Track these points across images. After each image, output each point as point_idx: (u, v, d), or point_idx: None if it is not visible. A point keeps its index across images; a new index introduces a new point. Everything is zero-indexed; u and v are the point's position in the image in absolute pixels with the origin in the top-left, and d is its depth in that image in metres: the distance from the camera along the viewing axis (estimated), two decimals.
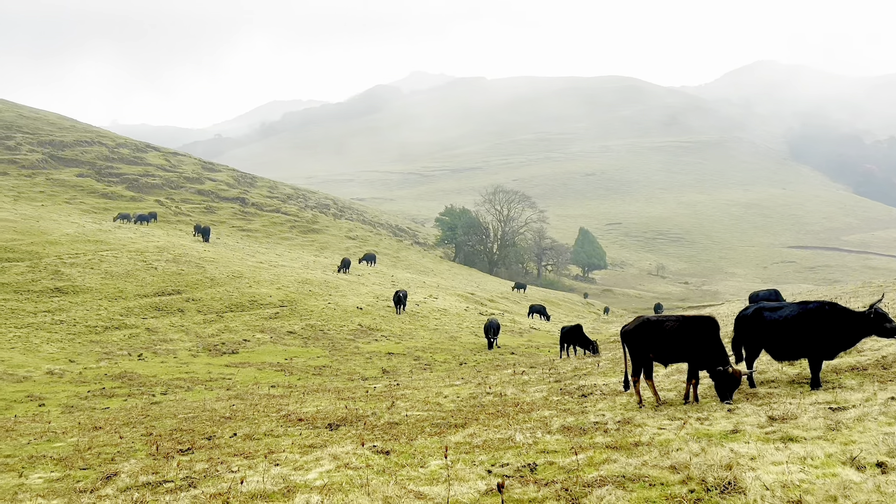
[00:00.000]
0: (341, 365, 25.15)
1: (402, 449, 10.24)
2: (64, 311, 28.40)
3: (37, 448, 11.74)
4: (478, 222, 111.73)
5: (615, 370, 18.53)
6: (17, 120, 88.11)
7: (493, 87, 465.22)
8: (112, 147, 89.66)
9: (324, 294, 38.42)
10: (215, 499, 7.86)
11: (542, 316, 49.29)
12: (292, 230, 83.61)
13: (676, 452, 8.56)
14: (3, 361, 21.93)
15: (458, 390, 17.03)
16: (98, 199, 71.31)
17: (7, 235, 37.13)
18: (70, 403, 17.40)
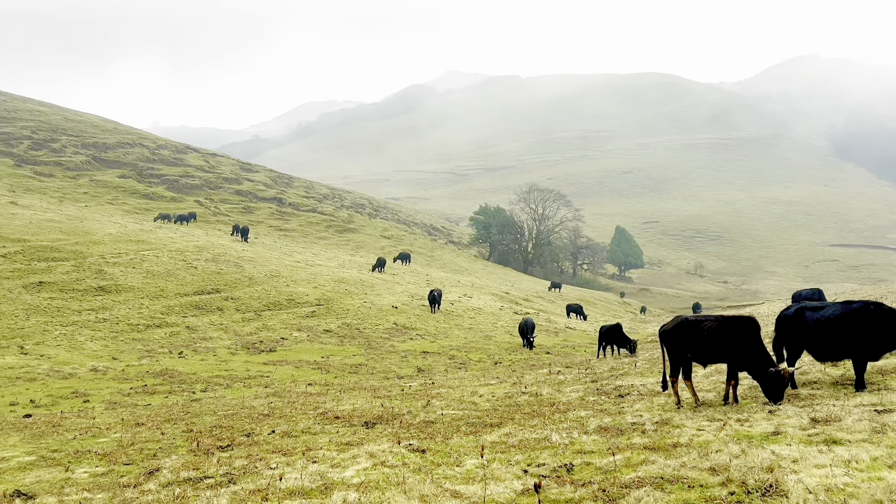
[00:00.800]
0: (377, 363, 25.31)
1: (437, 448, 10.27)
2: (107, 309, 29.07)
3: (82, 443, 12.03)
4: (512, 221, 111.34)
5: (653, 370, 18.33)
6: (62, 123, 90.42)
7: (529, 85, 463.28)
8: (153, 149, 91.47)
9: (359, 293, 38.69)
10: (254, 495, 7.98)
11: (579, 315, 48.99)
12: (328, 230, 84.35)
13: (716, 454, 8.44)
14: (50, 358, 22.53)
15: (494, 389, 17.01)
16: (139, 199, 72.82)
17: (53, 235, 38.13)
18: (113, 400, 17.80)
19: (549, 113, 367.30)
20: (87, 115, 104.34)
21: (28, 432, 13.14)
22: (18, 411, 16.18)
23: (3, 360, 21.58)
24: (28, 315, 26.75)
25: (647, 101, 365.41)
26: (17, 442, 12.25)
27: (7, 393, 18.27)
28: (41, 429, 13.51)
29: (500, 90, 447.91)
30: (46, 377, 20.39)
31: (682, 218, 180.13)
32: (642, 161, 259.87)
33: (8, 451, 11.48)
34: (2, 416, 15.32)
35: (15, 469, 10.23)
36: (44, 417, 15.14)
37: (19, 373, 20.53)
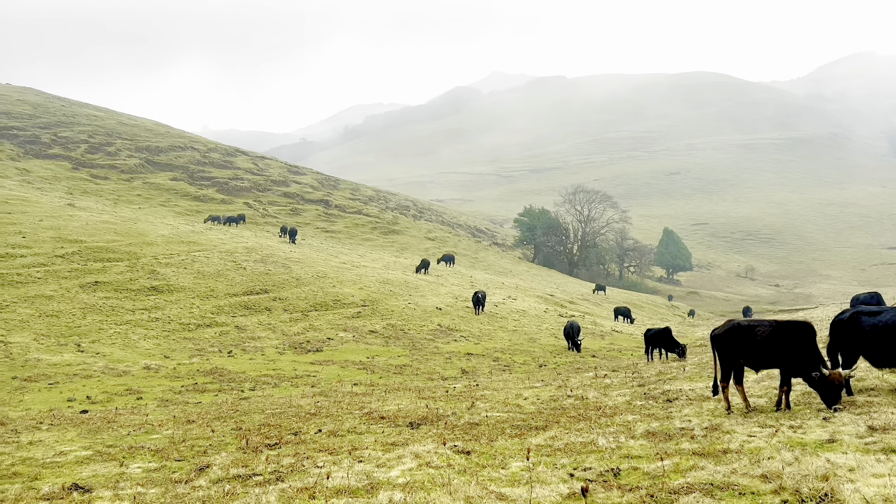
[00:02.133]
0: (421, 364, 25.40)
1: (482, 449, 10.26)
2: (159, 308, 29.81)
3: (136, 439, 12.36)
4: (557, 223, 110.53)
5: (701, 375, 18.00)
6: (117, 127, 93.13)
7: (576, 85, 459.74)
8: (204, 152, 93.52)
9: (404, 294, 38.89)
10: (302, 493, 8.09)
11: (627, 319, 48.43)
12: (373, 231, 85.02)
13: (768, 461, 8.25)
14: (105, 356, 23.21)
15: (539, 392, 16.91)
16: (191, 201, 74.52)
17: (108, 237, 39.28)
18: (165, 397, 18.24)
19: (595, 114, 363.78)
20: (140, 120, 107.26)
21: (84, 427, 13.56)
22: (75, 407, 16.71)
23: (61, 358, 22.31)
24: (84, 314, 27.61)
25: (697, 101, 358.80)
26: (74, 437, 12.65)
27: (65, 389, 18.89)
28: (97, 424, 13.92)
29: (547, 91, 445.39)
30: (102, 374, 21.01)
31: (732, 220, 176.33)
32: (691, 162, 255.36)
33: (66, 445, 11.86)
34: (60, 412, 15.84)
35: (73, 463, 10.56)
36: (99, 413, 15.60)
37: (76, 370, 21.20)
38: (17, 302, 27.46)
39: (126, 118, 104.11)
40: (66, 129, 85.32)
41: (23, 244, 34.92)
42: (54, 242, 36.11)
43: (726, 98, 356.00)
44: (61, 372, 20.77)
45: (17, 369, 20.63)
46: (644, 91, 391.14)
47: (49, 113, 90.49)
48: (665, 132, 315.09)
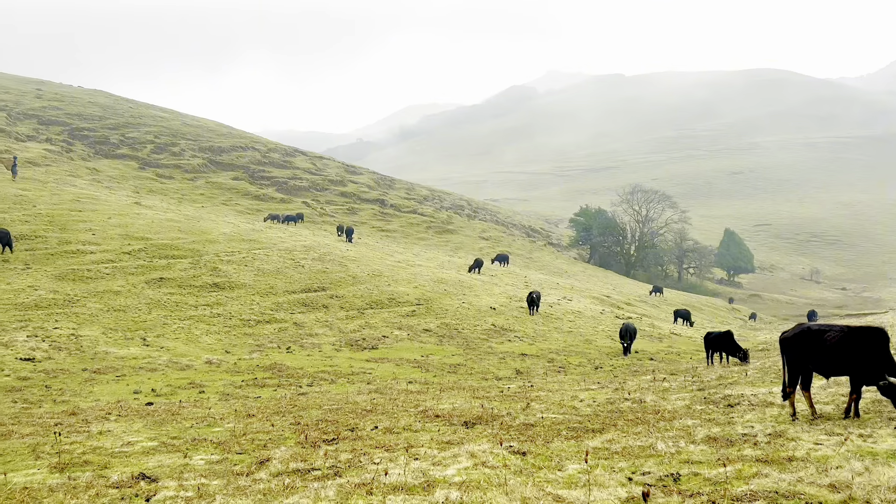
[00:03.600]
0: (475, 364, 25.39)
1: (538, 451, 10.20)
2: (221, 305, 30.58)
3: (198, 431, 12.70)
4: (614, 223, 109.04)
5: (764, 380, 17.51)
6: (181, 128, 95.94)
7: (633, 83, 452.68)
8: (264, 152, 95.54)
9: (458, 293, 38.95)
10: (359, 489, 8.18)
11: (686, 321, 47.49)
12: (428, 230, 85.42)
13: (836, 470, 7.97)
14: (169, 350, 23.94)
15: (595, 395, 16.72)
16: (251, 200, 76.24)
17: (173, 234, 40.50)
18: (226, 391, 18.69)
19: (655, 112, 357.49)
20: (203, 120, 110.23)
21: (150, 419, 14.00)
22: (141, 399, 17.27)
23: (127, 351, 23.11)
24: (150, 309, 28.52)
25: (760, 99, 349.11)
26: (140, 428, 13.07)
27: (132, 381, 19.56)
28: (162, 416, 14.36)
29: (603, 89, 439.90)
30: (166, 368, 21.68)
31: (796, 221, 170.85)
32: (754, 161, 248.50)
33: (133, 436, 12.28)
34: (127, 403, 16.40)
35: (139, 453, 10.92)
36: (164, 406, 16.09)
37: (142, 363, 21.93)
38: (87, 297, 28.56)
39: (190, 119, 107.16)
40: (133, 129, 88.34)
41: (92, 241, 36.29)
42: (122, 240, 37.42)
43: (792, 95, 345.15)
44: (128, 365, 21.51)
45: (87, 361, 21.46)
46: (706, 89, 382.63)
47: (117, 114, 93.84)
48: (727, 130, 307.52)
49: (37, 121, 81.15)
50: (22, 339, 22.64)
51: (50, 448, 11.11)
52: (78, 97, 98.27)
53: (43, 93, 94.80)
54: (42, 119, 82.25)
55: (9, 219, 37.33)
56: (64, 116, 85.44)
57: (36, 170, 58.71)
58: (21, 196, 43.40)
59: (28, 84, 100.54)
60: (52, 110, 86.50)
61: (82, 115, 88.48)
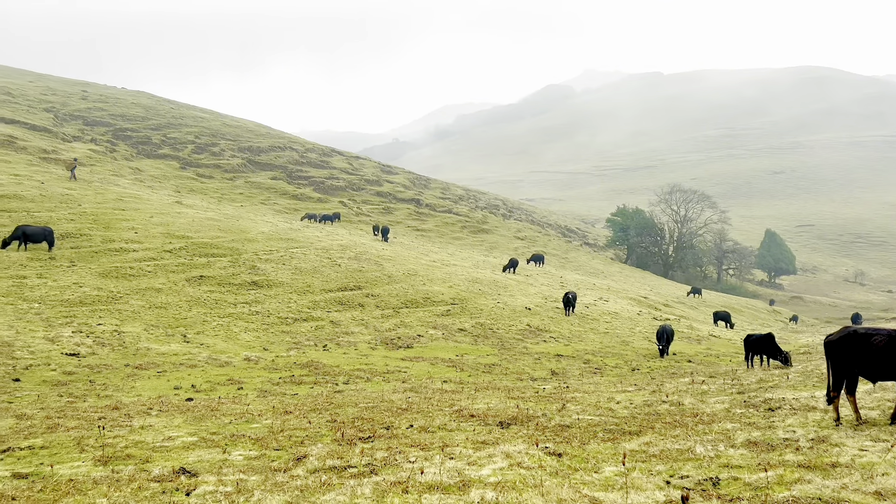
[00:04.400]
0: (510, 364, 25.32)
1: (574, 452, 10.13)
2: (259, 303, 31.00)
3: (237, 427, 12.88)
4: (652, 223, 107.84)
5: (806, 384, 17.14)
6: (221, 128, 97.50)
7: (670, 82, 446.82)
8: (301, 152, 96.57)
9: (493, 293, 38.88)
10: (395, 487, 8.22)
11: (727, 323, 46.72)
12: (463, 230, 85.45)
13: (882, 477, 7.77)
14: (209, 347, 24.34)
15: (631, 396, 16.54)
16: (289, 200, 77.12)
17: (212, 233, 41.16)
18: (264, 388, 18.93)
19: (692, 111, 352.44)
20: (242, 121, 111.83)
21: (190, 415, 14.25)
22: (181, 395, 17.58)
23: (168, 348, 23.55)
24: (190, 306, 29.03)
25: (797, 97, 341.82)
26: (181, 423, 13.31)
27: (172, 377, 19.93)
28: (201, 412, 14.60)
29: (641, 88, 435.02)
30: (205, 364, 22.04)
31: (840, 221, 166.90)
32: (796, 160, 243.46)
33: (173, 430, 12.51)
34: (168, 399, 16.72)
35: (180, 448, 11.12)
36: (203, 402, 16.35)
37: (182, 359, 22.32)
38: (130, 294, 29.19)
39: (230, 119, 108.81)
40: (174, 130, 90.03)
41: (135, 239, 37.08)
42: (163, 238, 38.16)
43: (838, 93, 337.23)
44: (168, 361, 21.93)
45: (129, 357, 21.93)
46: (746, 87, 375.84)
47: (159, 115, 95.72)
48: (768, 129, 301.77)
49: (82, 121, 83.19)
50: (67, 334, 23.24)
51: (94, 441, 11.37)
52: (122, 98, 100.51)
53: (88, 94, 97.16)
54: (87, 120, 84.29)
55: (55, 217, 38.34)
56: (108, 117, 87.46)
57: (81, 169, 60.15)
58: (67, 195, 44.53)
59: (74, 86, 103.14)
60: (97, 111, 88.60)
61: (126, 115, 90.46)
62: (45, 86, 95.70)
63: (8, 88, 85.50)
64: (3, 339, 21.74)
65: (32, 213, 38.36)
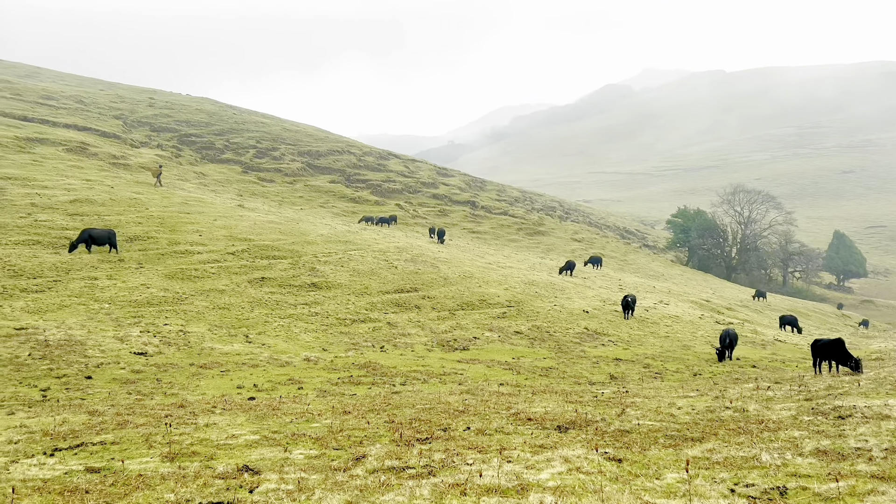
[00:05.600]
0: (567, 368, 25.07)
1: (634, 458, 9.96)
2: (318, 304, 31.50)
3: (298, 427, 13.11)
4: (714, 224, 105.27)
5: (879, 391, 16.45)
6: (281, 133, 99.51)
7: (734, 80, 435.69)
8: (359, 156, 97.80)
9: (549, 296, 38.58)
10: (453, 489, 8.23)
11: (794, 328, 45.21)
12: (519, 232, 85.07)
13: None
14: (270, 347, 24.86)
15: (693, 402, 16.17)
16: (347, 203, 78.18)
17: (273, 235, 42.05)
18: (323, 388, 19.22)
19: (756, 109, 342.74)
20: (302, 125, 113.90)
21: (252, 413, 14.57)
22: (244, 394, 18.01)
23: (231, 347, 24.15)
24: (252, 307, 29.71)
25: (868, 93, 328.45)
26: (243, 421, 13.63)
27: (235, 376, 20.43)
28: (263, 411, 14.91)
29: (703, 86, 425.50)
30: (267, 364, 22.51)
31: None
32: (867, 159, 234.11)
33: (236, 429, 12.81)
34: (231, 398, 17.14)
35: (242, 446, 11.39)
36: (265, 401, 16.71)
37: (244, 359, 22.86)
38: (195, 295, 30.05)
39: (290, 124, 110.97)
40: (236, 135, 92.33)
41: (199, 242, 38.15)
42: (226, 240, 39.16)
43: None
44: (231, 360, 22.48)
45: (194, 356, 22.58)
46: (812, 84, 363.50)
47: (222, 120, 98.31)
48: (837, 127, 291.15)
49: (149, 128, 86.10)
50: (136, 334, 24.08)
51: (161, 438, 11.75)
52: (186, 105, 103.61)
53: (155, 101, 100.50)
54: (154, 126, 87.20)
55: (124, 220, 39.78)
56: (174, 123, 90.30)
57: (148, 174, 62.26)
58: (135, 199, 46.15)
59: (142, 93, 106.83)
60: (163, 118, 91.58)
61: (190, 121, 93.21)
62: (115, 94, 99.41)
63: (81, 97, 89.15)
64: (75, 339, 22.67)
65: (103, 217, 39.88)
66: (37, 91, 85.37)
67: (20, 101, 77.86)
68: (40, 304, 26.18)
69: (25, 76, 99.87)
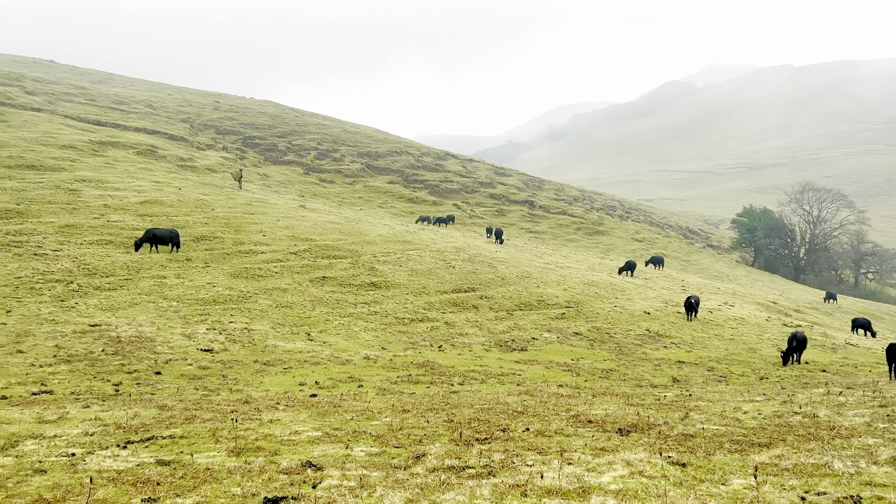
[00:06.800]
0: (628, 370, 24.69)
1: (699, 463, 9.74)
2: (377, 303, 31.85)
3: (358, 424, 13.28)
4: (781, 224, 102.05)
5: None
6: (341, 135, 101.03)
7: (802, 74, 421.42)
8: (417, 156, 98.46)
9: (609, 297, 38.06)
10: (514, 489, 8.21)
11: (867, 331, 43.43)
12: (578, 232, 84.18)
13: None
14: (331, 345, 25.26)
15: (760, 407, 15.71)
16: (405, 203, 78.80)
17: (334, 236, 42.71)
18: (382, 386, 19.43)
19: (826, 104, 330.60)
20: (361, 127, 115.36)
21: (314, 410, 14.82)
22: (306, 391, 18.34)
23: (293, 345, 24.64)
24: (313, 306, 30.25)
25: None
26: (306, 418, 13.88)
27: (297, 374, 20.84)
28: (324, 408, 15.16)
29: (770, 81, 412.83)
30: (328, 362, 22.89)
31: None
32: None
33: (299, 425, 13.06)
34: (293, 394, 17.48)
35: (305, 442, 11.60)
36: (326, 398, 16.98)
37: (306, 356, 23.30)
38: (259, 293, 30.77)
39: (349, 126, 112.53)
40: (298, 137, 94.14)
41: (263, 242, 39.06)
42: (289, 240, 39.97)
43: None
44: (294, 358, 22.94)
45: (257, 353, 23.13)
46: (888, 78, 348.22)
47: (284, 123, 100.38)
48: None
49: (215, 130, 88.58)
50: (202, 331, 24.82)
51: (227, 433, 12.07)
52: (250, 108, 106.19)
53: (220, 104, 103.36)
54: (219, 129, 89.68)
55: (191, 221, 41.04)
56: (238, 126, 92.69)
57: (214, 176, 64.09)
58: (202, 200, 47.55)
59: (208, 97, 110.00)
60: (228, 121, 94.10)
61: (254, 124, 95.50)
62: (183, 98, 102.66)
63: (150, 101, 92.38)
64: (146, 335, 23.51)
65: (171, 217, 41.23)
66: (109, 96, 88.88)
67: (94, 105, 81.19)
68: (112, 302, 27.24)
69: (99, 82, 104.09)
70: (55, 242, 33.94)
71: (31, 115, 67.03)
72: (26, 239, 33.60)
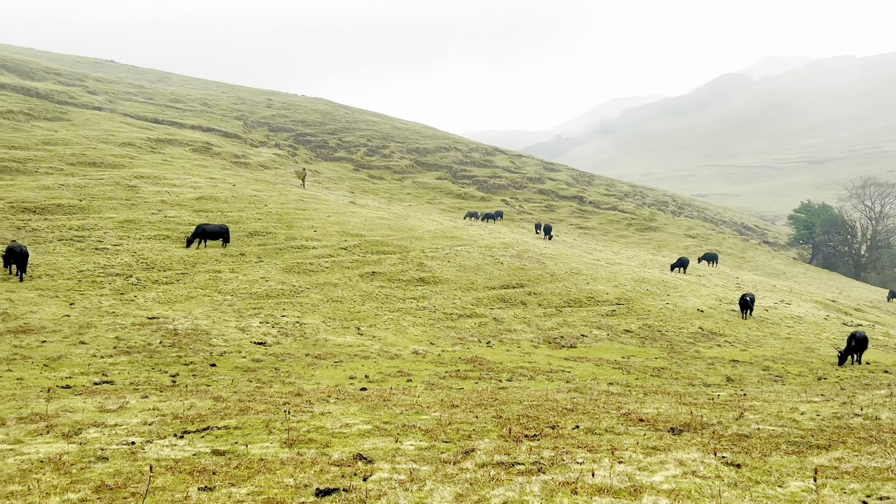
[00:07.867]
0: (680, 368, 24.28)
1: (754, 464, 9.53)
2: (426, 298, 32.00)
3: (408, 418, 13.38)
4: (841, 220, 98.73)
5: None
6: (390, 131, 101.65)
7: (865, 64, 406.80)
8: (465, 152, 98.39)
9: (661, 294, 37.45)
10: (564, 487, 8.17)
11: None
12: (628, 228, 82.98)
13: None
14: (380, 340, 25.50)
15: (818, 408, 15.28)
16: (453, 199, 78.87)
17: (383, 231, 43.06)
18: (431, 381, 19.53)
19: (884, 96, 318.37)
20: (410, 123, 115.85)
21: (364, 404, 15.00)
22: (356, 384, 18.57)
23: (344, 339, 24.96)
24: (363, 301, 30.57)
25: None
26: (356, 411, 14.05)
27: (347, 367, 21.10)
28: (374, 402, 15.32)
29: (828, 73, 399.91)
30: (377, 356, 23.12)
31: None
32: None
33: (350, 418, 13.23)
34: (344, 388, 17.72)
35: (356, 435, 11.75)
36: (376, 392, 17.16)
37: (356, 350, 23.57)
38: (310, 288, 31.25)
39: (399, 122, 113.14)
40: (348, 134, 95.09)
41: (314, 237, 39.61)
42: (339, 236, 40.46)
43: None
44: (344, 352, 23.24)
45: (309, 347, 23.51)
46: None
47: (335, 120, 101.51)
48: None
49: (267, 128, 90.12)
50: (256, 324, 25.34)
51: (280, 425, 12.30)
52: (302, 105, 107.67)
53: (273, 102, 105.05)
54: (272, 126, 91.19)
55: (245, 217, 41.88)
56: (290, 123, 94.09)
57: (266, 172, 65.23)
58: (255, 196, 48.46)
59: (261, 95, 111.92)
60: (280, 118, 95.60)
61: (305, 121, 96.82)
62: (236, 96, 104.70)
63: (205, 100, 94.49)
64: (201, 328, 24.11)
65: (226, 213, 42.14)
66: (166, 95, 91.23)
67: (152, 104, 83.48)
68: (170, 295, 28.02)
69: (157, 81, 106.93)
70: (115, 237, 35.05)
71: (93, 114, 69.28)
72: (88, 234, 34.79)
